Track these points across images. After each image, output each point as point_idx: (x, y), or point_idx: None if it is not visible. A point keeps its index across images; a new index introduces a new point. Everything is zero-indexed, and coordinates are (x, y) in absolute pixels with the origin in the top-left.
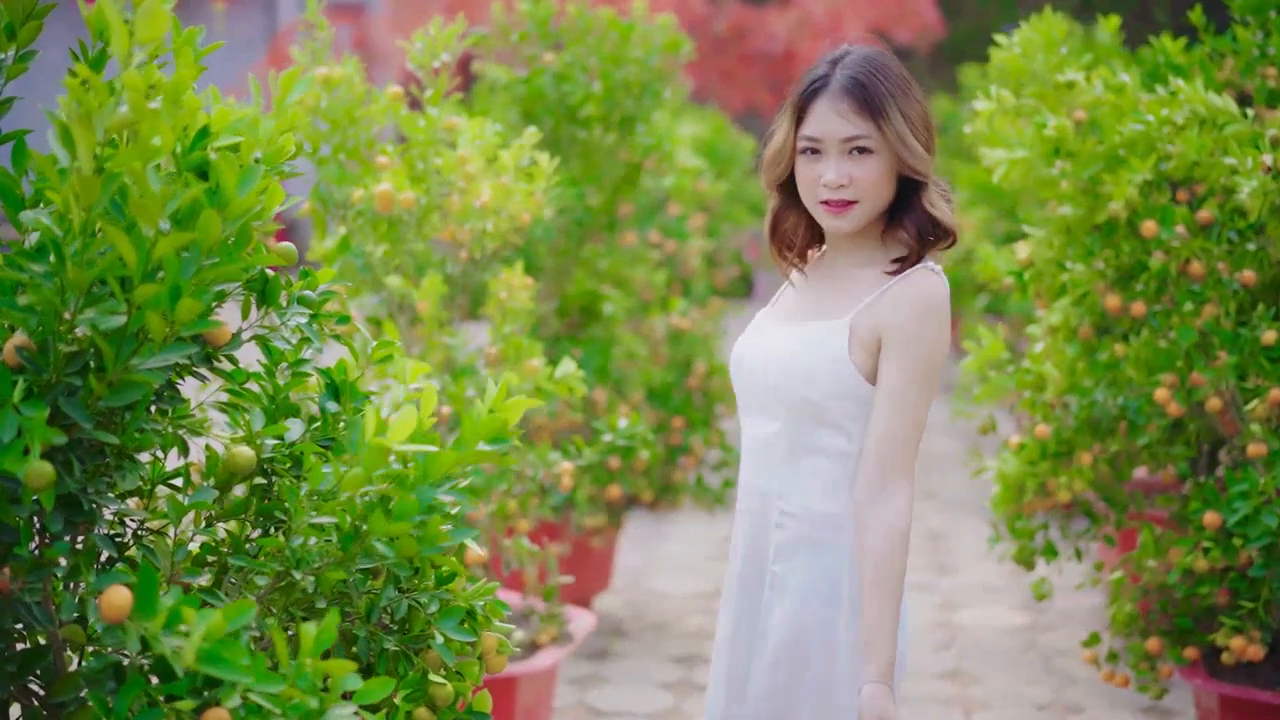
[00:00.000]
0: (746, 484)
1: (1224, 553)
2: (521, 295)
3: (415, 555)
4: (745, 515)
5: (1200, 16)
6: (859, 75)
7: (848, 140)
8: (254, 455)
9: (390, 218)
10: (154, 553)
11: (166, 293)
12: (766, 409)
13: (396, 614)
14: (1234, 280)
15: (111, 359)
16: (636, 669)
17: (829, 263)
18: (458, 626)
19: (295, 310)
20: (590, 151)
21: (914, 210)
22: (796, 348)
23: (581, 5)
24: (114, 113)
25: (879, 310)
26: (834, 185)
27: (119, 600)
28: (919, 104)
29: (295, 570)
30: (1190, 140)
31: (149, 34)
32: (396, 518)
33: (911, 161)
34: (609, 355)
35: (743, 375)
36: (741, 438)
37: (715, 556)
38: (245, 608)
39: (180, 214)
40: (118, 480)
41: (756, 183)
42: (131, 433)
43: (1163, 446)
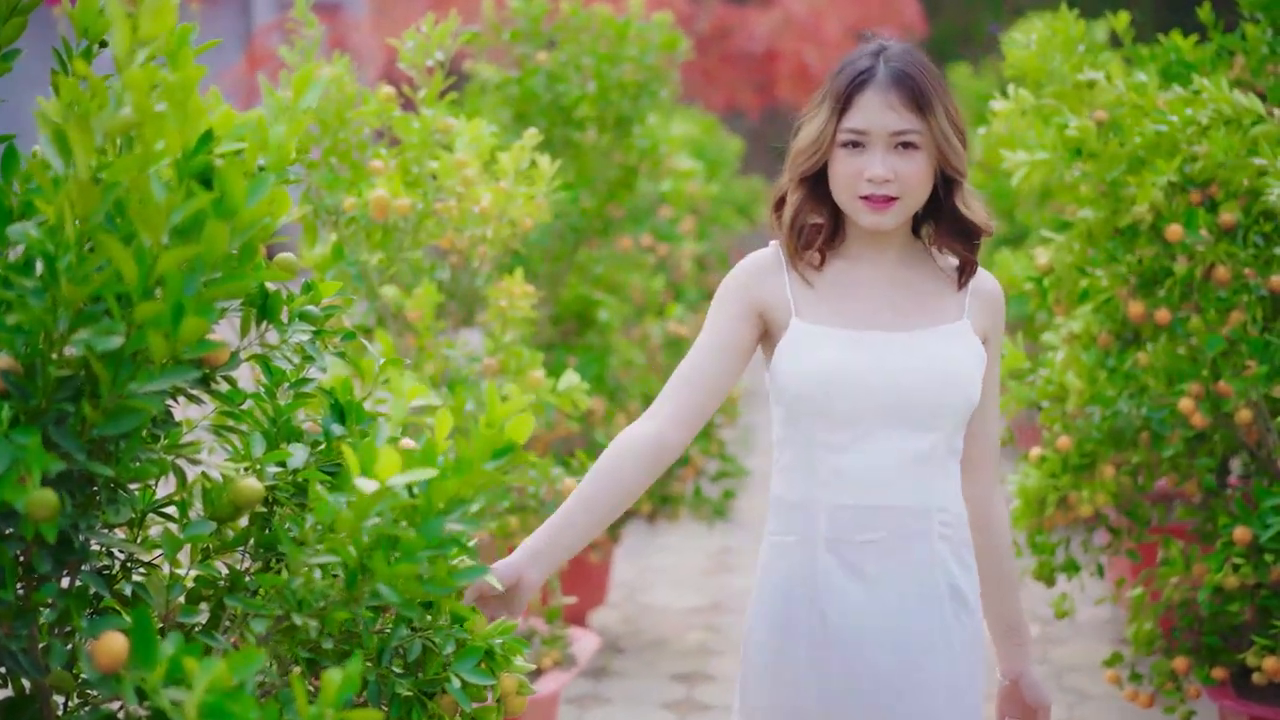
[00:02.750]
0: (871, 508)
1: (1254, 569)
2: (522, 304)
3: (421, 598)
4: (869, 545)
5: (1209, 14)
6: (908, 69)
7: (896, 134)
8: (261, 488)
9: (385, 224)
10: (146, 589)
11: (169, 311)
12: (916, 422)
13: (409, 655)
14: (1261, 286)
15: (108, 383)
16: (637, 688)
17: (868, 261)
18: (475, 669)
19: (297, 327)
20: (584, 153)
21: (947, 212)
22: (947, 354)
23: (576, 2)
24: (114, 115)
25: (977, 310)
26: (879, 180)
27: (114, 648)
28: (953, 102)
29: (296, 614)
30: (1217, 140)
31: (154, 29)
32: (402, 557)
33: (954, 160)
34: (605, 363)
35: (861, 393)
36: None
37: (710, 569)
38: (253, 657)
39: (183, 226)
40: (109, 514)
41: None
42: (127, 463)
43: (1185, 458)
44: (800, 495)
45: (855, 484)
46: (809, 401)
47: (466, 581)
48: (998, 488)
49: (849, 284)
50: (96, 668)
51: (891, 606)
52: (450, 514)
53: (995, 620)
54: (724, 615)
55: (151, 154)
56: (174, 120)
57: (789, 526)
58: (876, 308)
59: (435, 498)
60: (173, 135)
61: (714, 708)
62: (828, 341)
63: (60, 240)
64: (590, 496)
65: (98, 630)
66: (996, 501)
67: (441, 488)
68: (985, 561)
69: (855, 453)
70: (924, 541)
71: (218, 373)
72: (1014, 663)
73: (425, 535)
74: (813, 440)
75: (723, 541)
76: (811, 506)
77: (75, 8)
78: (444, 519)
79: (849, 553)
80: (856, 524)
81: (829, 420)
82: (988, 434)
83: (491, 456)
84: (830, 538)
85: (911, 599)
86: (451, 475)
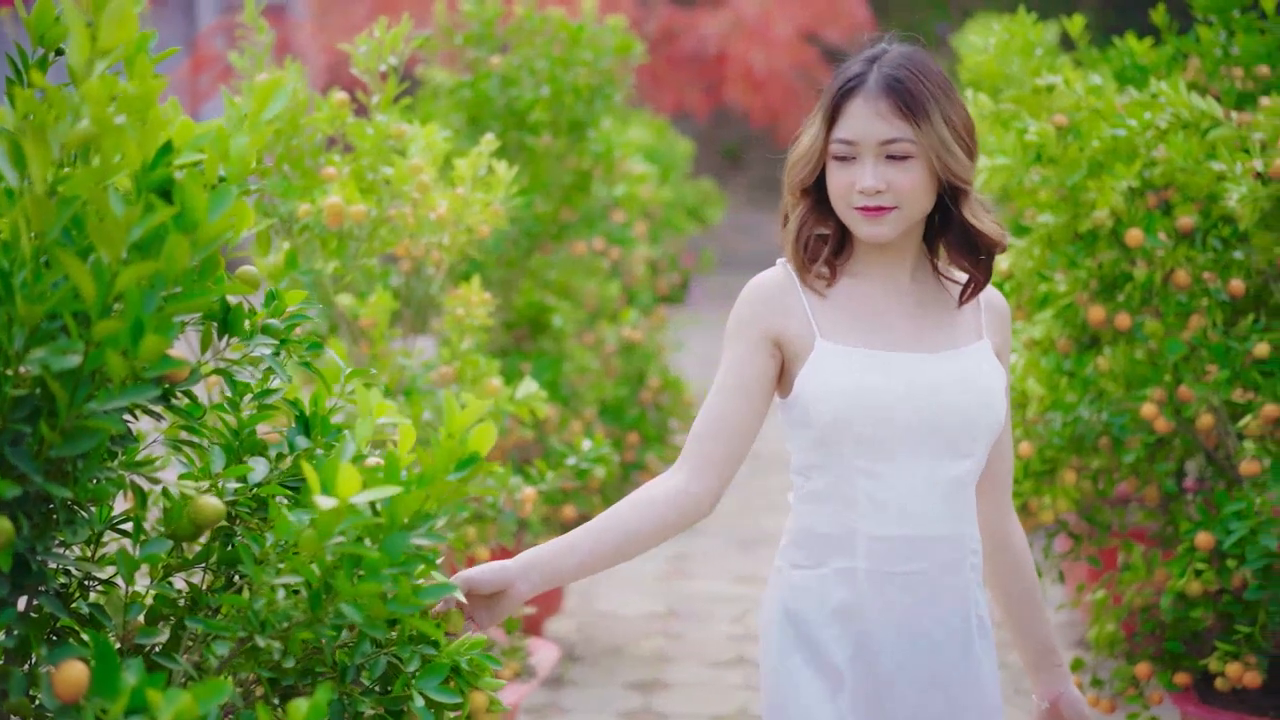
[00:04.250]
0: (911, 539)
1: (1217, 574)
2: (479, 311)
3: (386, 617)
4: (911, 577)
5: (1163, 16)
6: (898, 73)
7: (885, 143)
8: (222, 507)
9: (340, 232)
10: (104, 609)
11: (128, 329)
12: (953, 448)
13: (374, 673)
14: (1221, 290)
15: (65, 403)
16: (595, 697)
17: (882, 280)
18: (441, 686)
19: (260, 340)
20: (538, 158)
21: (955, 225)
22: (976, 376)
23: (529, 6)
24: (73, 128)
25: (991, 328)
26: (870, 191)
27: (75, 678)
28: (961, 108)
29: (259, 635)
30: (1176, 145)
31: (114, 39)
32: (366, 575)
33: (954, 167)
34: (559, 370)
35: (900, 418)
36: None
37: (666, 575)
38: (219, 688)
39: (143, 241)
40: (67, 534)
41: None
42: (85, 483)
43: (1145, 463)
44: (835, 526)
45: (896, 514)
46: (846, 426)
47: (431, 600)
48: (1014, 514)
49: (866, 304)
50: (57, 697)
51: (927, 640)
52: (414, 529)
53: (1028, 642)
54: (681, 622)
55: (110, 167)
56: (134, 133)
57: (820, 559)
58: (899, 329)
59: (398, 513)
60: (132, 148)
61: (672, 716)
62: (861, 363)
63: (15, 256)
64: (598, 531)
65: (58, 658)
66: (1014, 520)
67: (404, 502)
68: (1012, 583)
69: (895, 481)
70: (957, 572)
71: (177, 388)
72: (1053, 685)
73: (389, 552)
74: (851, 468)
75: (679, 548)
76: (850, 538)
77: (31, 14)
78: (408, 534)
79: (890, 585)
80: (898, 555)
81: (868, 447)
82: (1006, 458)
83: (454, 468)
84: (869, 569)
85: (942, 631)
86: (414, 489)
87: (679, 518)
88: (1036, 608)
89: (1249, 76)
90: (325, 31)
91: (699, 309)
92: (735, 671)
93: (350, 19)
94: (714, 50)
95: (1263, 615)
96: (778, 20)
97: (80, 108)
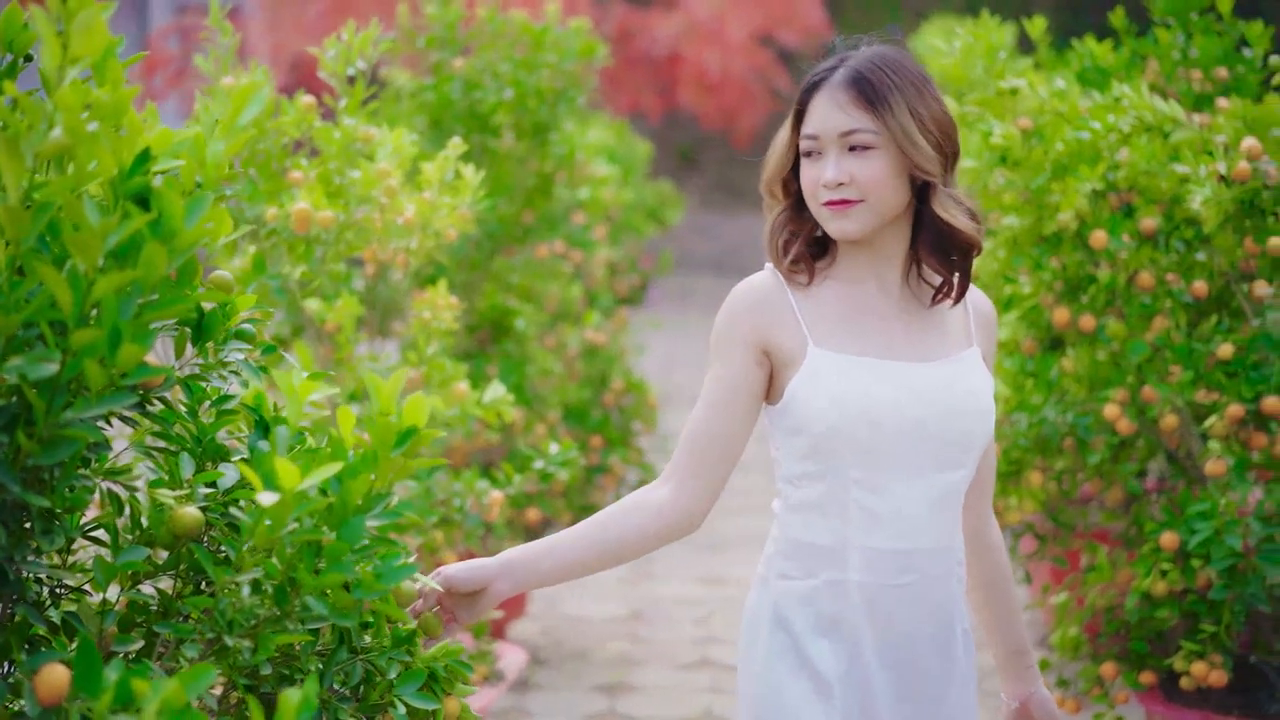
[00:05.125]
0: (904, 551)
1: (1182, 574)
2: (446, 315)
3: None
4: (900, 590)
5: (1122, 19)
6: (862, 67)
7: (846, 134)
8: (201, 517)
9: (307, 237)
10: (79, 617)
11: (105, 338)
12: (946, 459)
13: (351, 679)
14: (1184, 292)
15: (42, 412)
16: (561, 701)
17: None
18: (419, 692)
19: (232, 345)
20: (501, 161)
21: (928, 222)
22: (969, 386)
23: (492, 9)
24: (45, 138)
25: (979, 334)
26: (832, 184)
27: (56, 680)
28: (935, 104)
29: (227, 635)
30: (1140, 148)
31: (85, 48)
32: (327, 566)
33: (916, 158)
34: (523, 373)
35: (896, 428)
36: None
37: (630, 578)
38: (204, 672)
39: (119, 248)
40: (44, 543)
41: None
42: (62, 492)
43: (1109, 464)
44: (827, 537)
45: (889, 525)
46: (841, 435)
47: (394, 582)
48: (993, 515)
49: (857, 309)
50: (39, 702)
51: (916, 653)
52: (369, 510)
53: (1001, 643)
54: (645, 625)
55: (85, 175)
56: (108, 141)
57: (810, 570)
58: (891, 335)
59: (349, 496)
60: (106, 156)
61: (638, 719)
62: (856, 370)
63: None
64: (580, 536)
65: (37, 663)
66: (993, 523)
67: (354, 485)
68: (989, 586)
69: (889, 492)
70: (945, 585)
71: (152, 394)
72: (1023, 684)
73: (346, 537)
74: (845, 478)
75: None
76: (842, 549)
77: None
78: (363, 517)
79: (881, 598)
80: (890, 568)
81: (863, 456)
82: (990, 460)
83: (396, 444)
84: (861, 582)
85: (931, 644)
86: (361, 470)
87: (664, 530)
88: (1011, 608)
89: (1207, 79)
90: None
91: (658, 311)
92: (700, 674)
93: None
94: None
95: (1227, 615)
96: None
97: (53, 116)
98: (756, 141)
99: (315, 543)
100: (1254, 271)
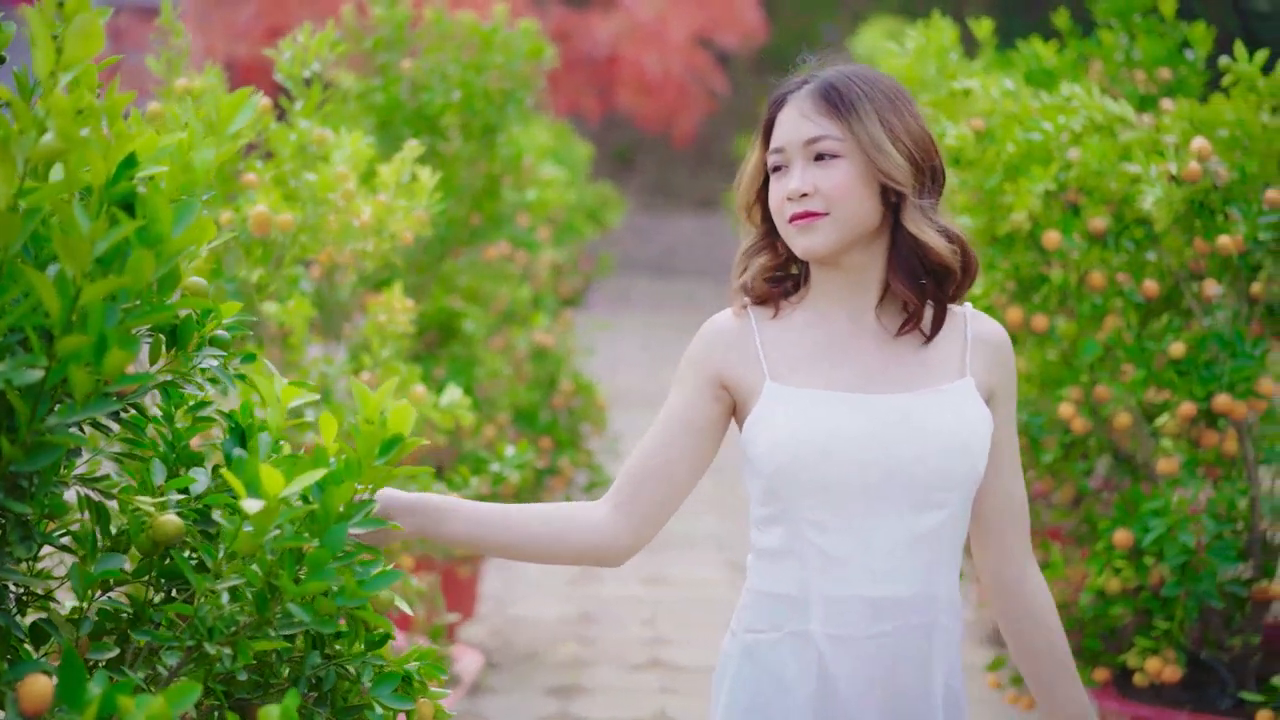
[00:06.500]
0: (870, 599)
1: (1136, 571)
2: (401, 318)
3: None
4: (870, 642)
5: (1066, 20)
6: (831, 77)
7: (810, 142)
8: (182, 524)
9: (265, 240)
10: (54, 625)
11: (92, 344)
12: (917, 499)
13: (325, 684)
14: (1135, 292)
15: (26, 418)
16: (513, 704)
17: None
18: (393, 694)
19: (208, 352)
20: (449, 163)
21: (901, 239)
22: (950, 419)
23: (439, 10)
24: (37, 143)
25: (981, 363)
26: (796, 195)
27: (39, 691)
28: (909, 119)
29: (207, 643)
30: (1091, 148)
31: (80, 54)
32: (310, 573)
33: (884, 166)
34: (472, 375)
35: (853, 465)
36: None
37: (578, 579)
38: (189, 689)
39: (105, 255)
40: (20, 551)
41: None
42: (41, 499)
43: (1062, 463)
44: (787, 587)
45: (854, 572)
46: (792, 475)
47: (376, 589)
48: (1033, 564)
49: (825, 340)
50: (21, 712)
51: (892, 712)
52: (350, 518)
53: (1057, 711)
54: (594, 626)
55: (76, 181)
56: (98, 147)
57: (773, 622)
58: (861, 366)
59: (332, 504)
60: (98, 162)
61: None
62: (811, 405)
63: None
64: (509, 514)
65: (20, 673)
66: (1034, 578)
67: (336, 492)
68: (1038, 649)
69: (848, 535)
70: (927, 636)
71: (127, 400)
72: None
73: (328, 545)
74: (801, 521)
75: None
76: (804, 599)
77: None
78: (345, 525)
79: (849, 651)
80: (857, 618)
81: (819, 498)
82: (1013, 502)
83: (380, 452)
84: (827, 634)
85: (909, 702)
86: (344, 477)
87: (585, 550)
88: (1068, 676)
89: (1151, 80)
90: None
91: (598, 312)
92: (651, 675)
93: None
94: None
95: (1180, 611)
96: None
97: (45, 121)
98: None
99: (296, 550)
100: (1203, 271)
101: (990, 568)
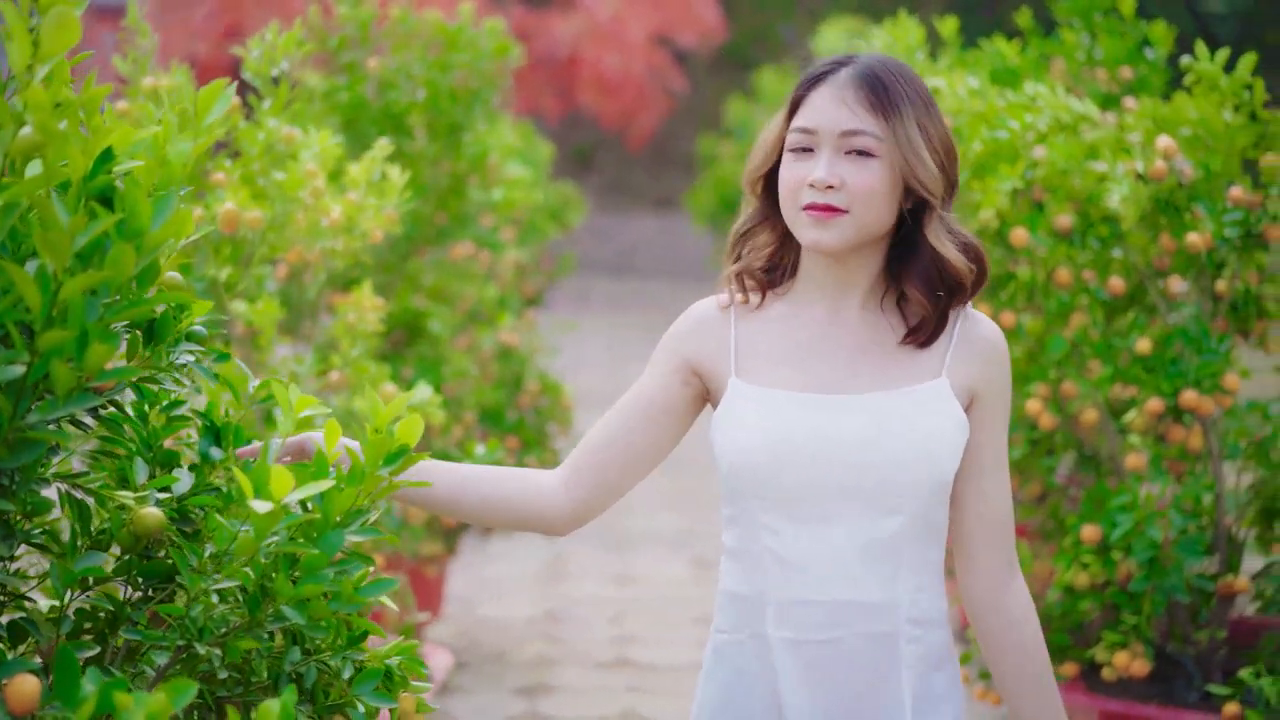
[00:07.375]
0: (824, 604)
1: (1103, 567)
2: (370, 317)
3: (329, 617)
4: (819, 647)
5: (1029, 19)
6: (875, 67)
7: (847, 134)
8: (163, 517)
9: (234, 238)
10: (34, 624)
11: (74, 339)
12: (874, 503)
13: (306, 681)
14: (1101, 289)
15: (8, 415)
16: (482, 704)
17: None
18: (375, 692)
19: (184, 348)
20: (414, 162)
21: (921, 249)
22: (914, 420)
23: (405, 9)
24: (16, 136)
25: (963, 363)
26: (821, 185)
27: (26, 691)
28: (941, 126)
29: (198, 643)
30: (1058, 147)
31: (57, 46)
32: (305, 577)
33: (921, 174)
34: (439, 374)
35: (805, 467)
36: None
37: (545, 578)
38: (187, 687)
39: (85, 249)
40: (2, 549)
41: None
42: (23, 496)
43: (1029, 459)
44: (747, 587)
45: (807, 576)
46: (745, 477)
47: (373, 595)
48: (1015, 578)
49: (799, 337)
50: (10, 712)
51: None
52: (348, 525)
53: None
54: (561, 625)
55: (55, 175)
56: (77, 140)
57: (737, 623)
58: (831, 366)
59: (331, 510)
60: (77, 155)
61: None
62: (768, 405)
63: None
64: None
65: (8, 673)
66: (1013, 593)
67: (337, 499)
68: (1012, 664)
69: (802, 538)
70: (887, 646)
71: (105, 397)
72: None
73: (325, 551)
74: (755, 523)
75: (556, 549)
76: (758, 600)
77: None
78: (342, 532)
79: (801, 656)
80: (810, 623)
81: (769, 500)
82: (994, 514)
83: (384, 462)
84: (780, 638)
85: (868, 712)
86: (347, 486)
87: (528, 515)
88: (1045, 693)
89: (1113, 78)
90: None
91: (559, 312)
92: (618, 674)
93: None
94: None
95: (1148, 606)
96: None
97: (23, 115)
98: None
99: (291, 553)
100: (1168, 268)
101: (965, 581)
